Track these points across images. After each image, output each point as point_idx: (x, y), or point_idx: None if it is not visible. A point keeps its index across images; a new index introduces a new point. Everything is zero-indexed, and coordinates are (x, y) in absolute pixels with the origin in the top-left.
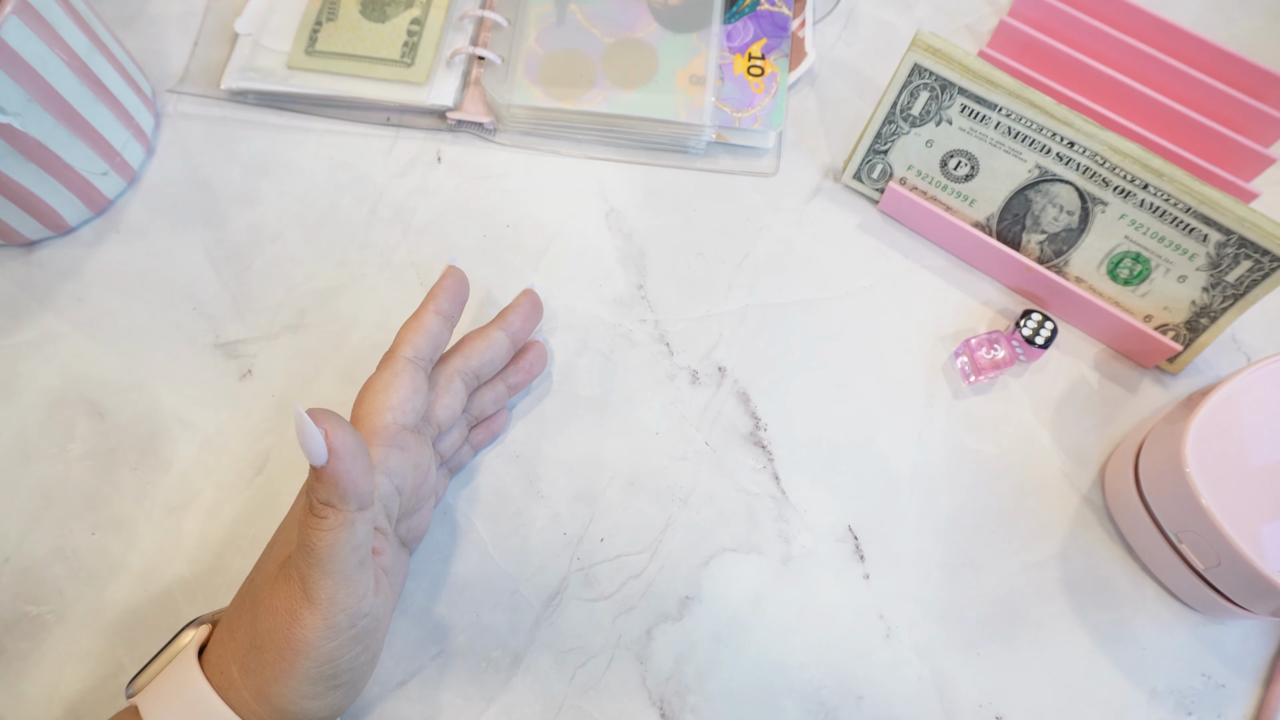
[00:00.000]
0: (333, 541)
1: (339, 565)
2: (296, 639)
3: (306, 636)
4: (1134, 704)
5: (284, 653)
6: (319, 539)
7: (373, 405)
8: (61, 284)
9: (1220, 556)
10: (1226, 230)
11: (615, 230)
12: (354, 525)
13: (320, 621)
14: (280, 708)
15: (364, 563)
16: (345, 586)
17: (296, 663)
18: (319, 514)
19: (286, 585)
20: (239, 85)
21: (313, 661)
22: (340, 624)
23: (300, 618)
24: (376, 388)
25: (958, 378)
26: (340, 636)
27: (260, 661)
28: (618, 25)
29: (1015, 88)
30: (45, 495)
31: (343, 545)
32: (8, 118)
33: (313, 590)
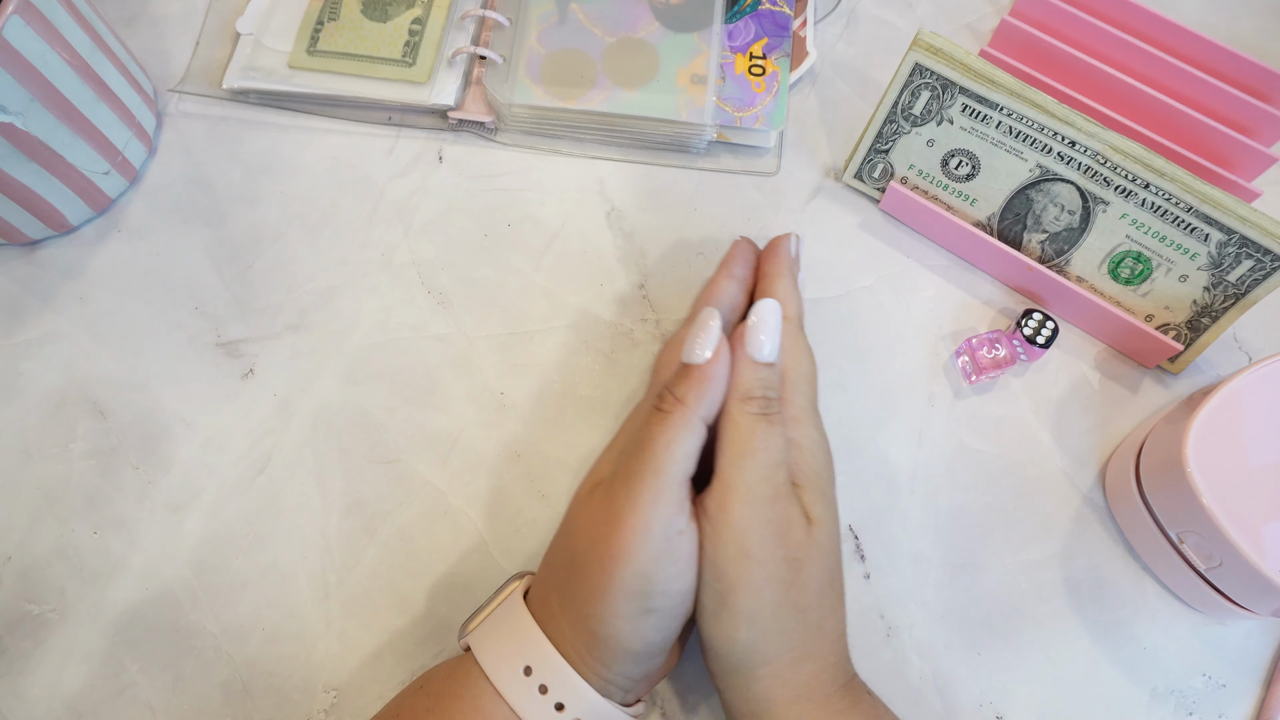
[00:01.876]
0: (672, 438)
1: (670, 466)
2: (615, 544)
3: (623, 540)
4: (1135, 704)
5: (603, 562)
6: (659, 430)
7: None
8: (63, 283)
9: (1221, 556)
10: (1228, 230)
11: (616, 229)
12: (695, 431)
13: (639, 523)
14: (594, 630)
15: (687, 478)
16: (669, 492)
17: (615, 572)
18: (666, 407)
19: (606, 496)
20: (241, 85)
21: (630, 571)
22: (656, 531)
23: (621, 519)
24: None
25: (959, 377)
26: (655, 545)
27: (578, 581)
28: (619, 24)
29: (1016, 87)
30: (47, 494)
31: (680, 446)
32: (9, 117)
33: (636, 490)
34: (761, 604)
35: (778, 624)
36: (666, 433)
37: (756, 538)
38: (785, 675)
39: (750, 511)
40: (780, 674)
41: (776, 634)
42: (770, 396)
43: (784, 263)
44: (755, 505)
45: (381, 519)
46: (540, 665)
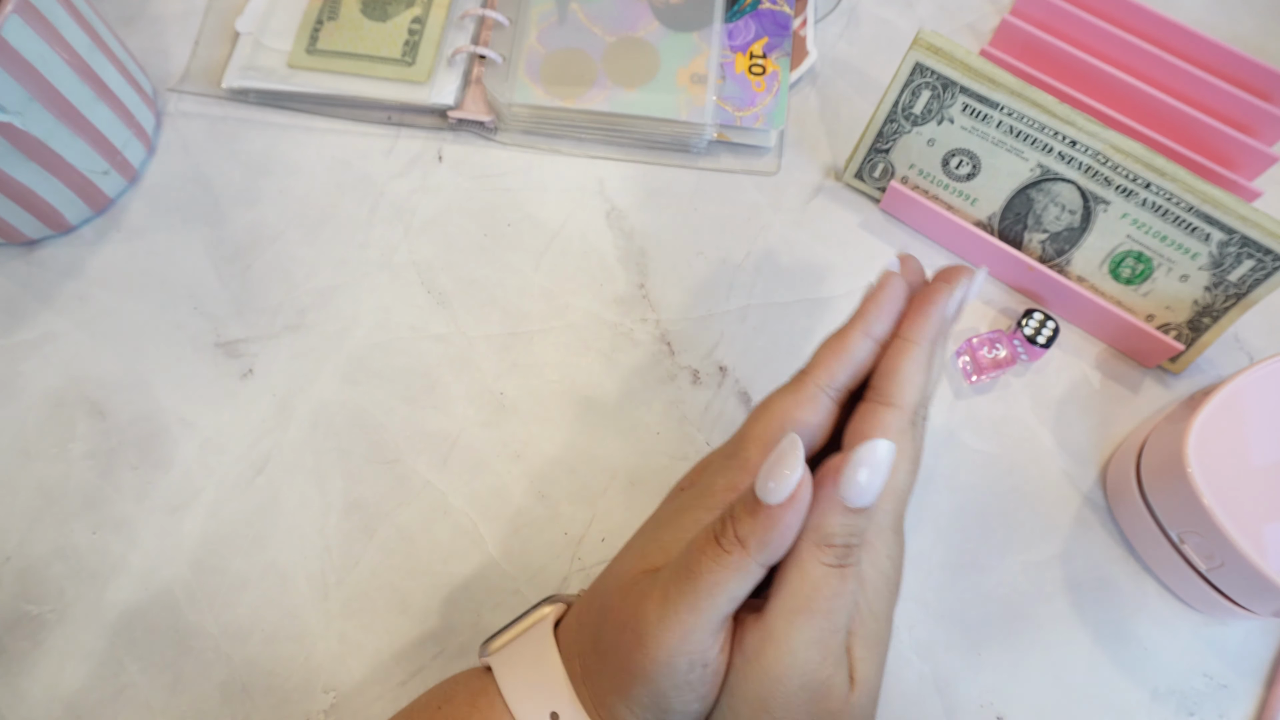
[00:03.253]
0: (721, 580)
1: (710, 608)
2: (635, 663)
3: (643, 666)
4: (1135, 704)
5: (622, 669)
6: (709, 568)
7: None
8: (62, 283)
9: (1222, 557)
10: (1229, 229)
11: (616, 229)
12: (750, 576)
13: (662, 655)
14: (612, 714)
15: (726, 617)
16: (702, 631)
17: (630, 685)
18: (727, 547)
19: (641, 604)
20: (240, 84)
21: (644, 690)
22: (680, 667)
23: (644, 644)
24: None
25: (959, 377)
26: (675, 677)
27: (599, 668)
28: (619, 24)
29: (1017, 86)
30: (46, 494)
31: (727, 591)
32: (9, 116)
33: (667, 619)
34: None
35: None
36: (716, 574)
37: (784, 701)
38: None
39: (788, 674)
40: None
41: None
42: (853, 544)
43: (930, 326)
44: (796, 670)
45: (381, 519)
46: (566, 714)
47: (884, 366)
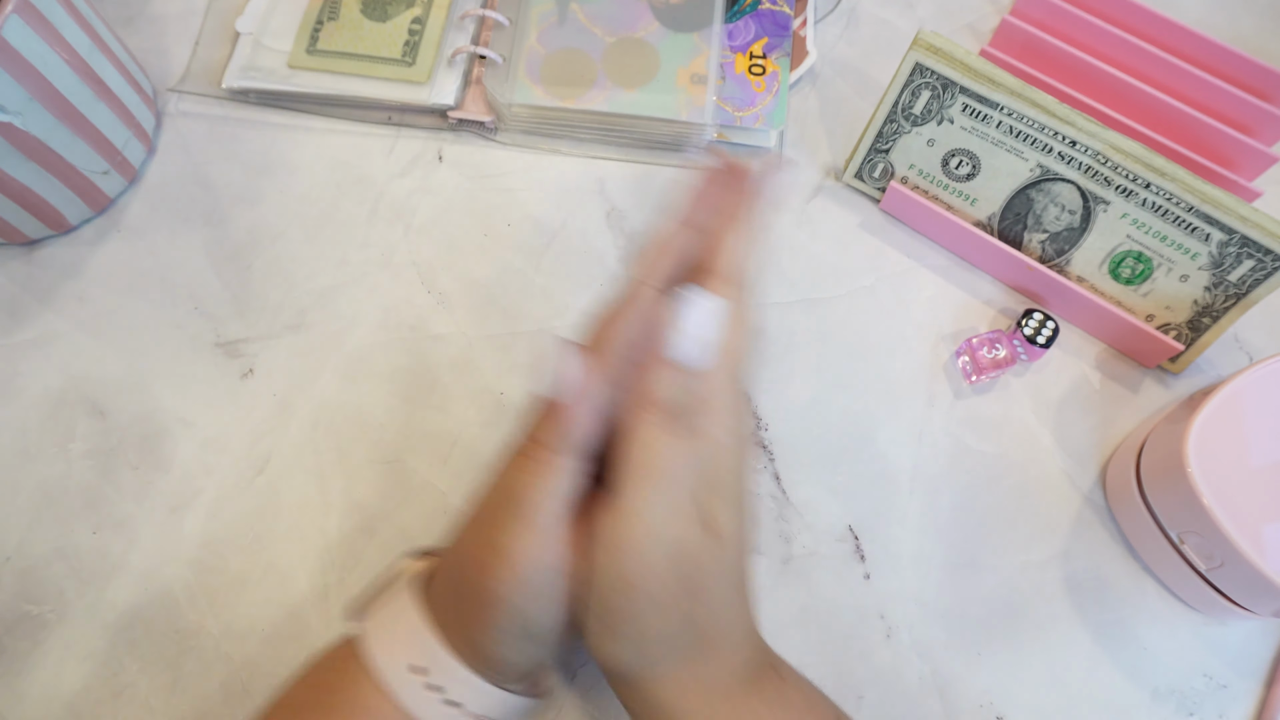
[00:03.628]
0: (538, 486)
1: (538, 515)
2: (486, 590)
3: (496, 589)
4: (1135, 704)
5: (478, 601)
6: (522, 480)
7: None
8: (62, 283)
9: (1222, 557)
10: (1229, 229)
11: (616, 229)
12: (563, 474)
13: (509, 574)
14: (482, 653)
15: (562, 516)
16: (541, 539)
17: (487, 614)
18: (529, 452)
19: (479, 533)
20: (240, 84)
21: (502, 614)
22: (531, 579)
23: (490, 569)
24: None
25: (959, 377)
26: (530, 591)
27: (459, 607)
28: (619, 24)
29: (1017, 87)
30: (46, 494)
31: (548, 495)
32: (9, 116)
33: (505, 539)
34: (648, 630)
35: (667, 644)
36: (529, 480)
37: (649, 572)
38: (683, 681)
39: (647, 544)
40: (677, 681)
41: (668, 651)
42: (685, 404)
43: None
44: (653, 537)
45: (381, 519)
46: (432, 665)
47: (705, 244)
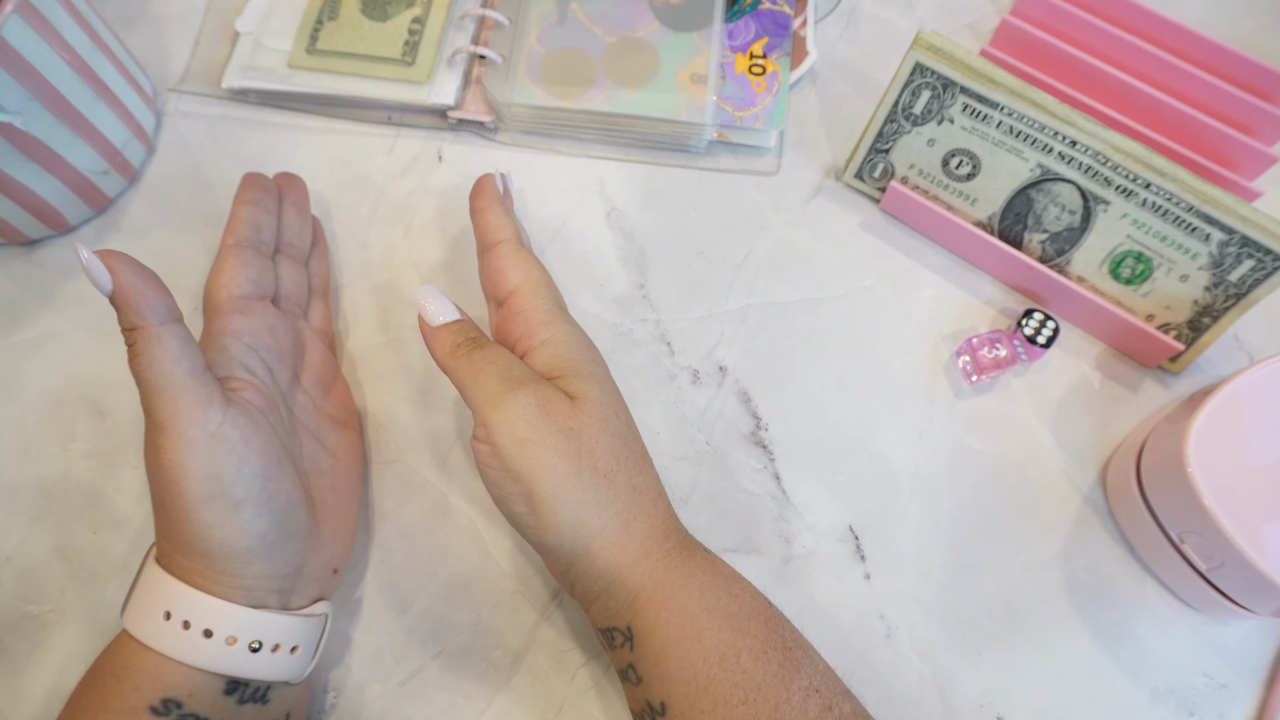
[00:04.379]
0: (150, 358)
1: (165, 379)
2: (165, 468)
3: (170, 459)
4: (1135, 704)
5: (169, 492)
6: (139, 363)
7: (207, 289)
8: (62, 283)
9: (1222, 557)
10: (1229, 229)
11: (616, 229)
12: (163, 338)
13: (174, 439)
14: (202, 550)
15: (195, 373)
16: (182, 396)
17: (179, 491)
18: (130, 342)
19: (146, 435)
20: (240, 84)
21: (191, 483)
22: (194, 435)
23: (158, 445)
24: (210, 275)
25: (959, 377)
26: (201, 449)
27: (164, 517)
28: (619, 24)
29: (1017, 87)
30: (46, 494)
31: (161, 359)
32: (9, 116)
33: (156, 414)
34: (561, 480)
35: (587, 492)
36: (142, 359)
37: (524, 426)
38: (620, 541)
39: (503, 413)
40: (615, 541)
41: (592, 503)
42: (470, 337)
43: (487, 196)
44: (505, 406)
45: (381, 519)
46: (176, 604)
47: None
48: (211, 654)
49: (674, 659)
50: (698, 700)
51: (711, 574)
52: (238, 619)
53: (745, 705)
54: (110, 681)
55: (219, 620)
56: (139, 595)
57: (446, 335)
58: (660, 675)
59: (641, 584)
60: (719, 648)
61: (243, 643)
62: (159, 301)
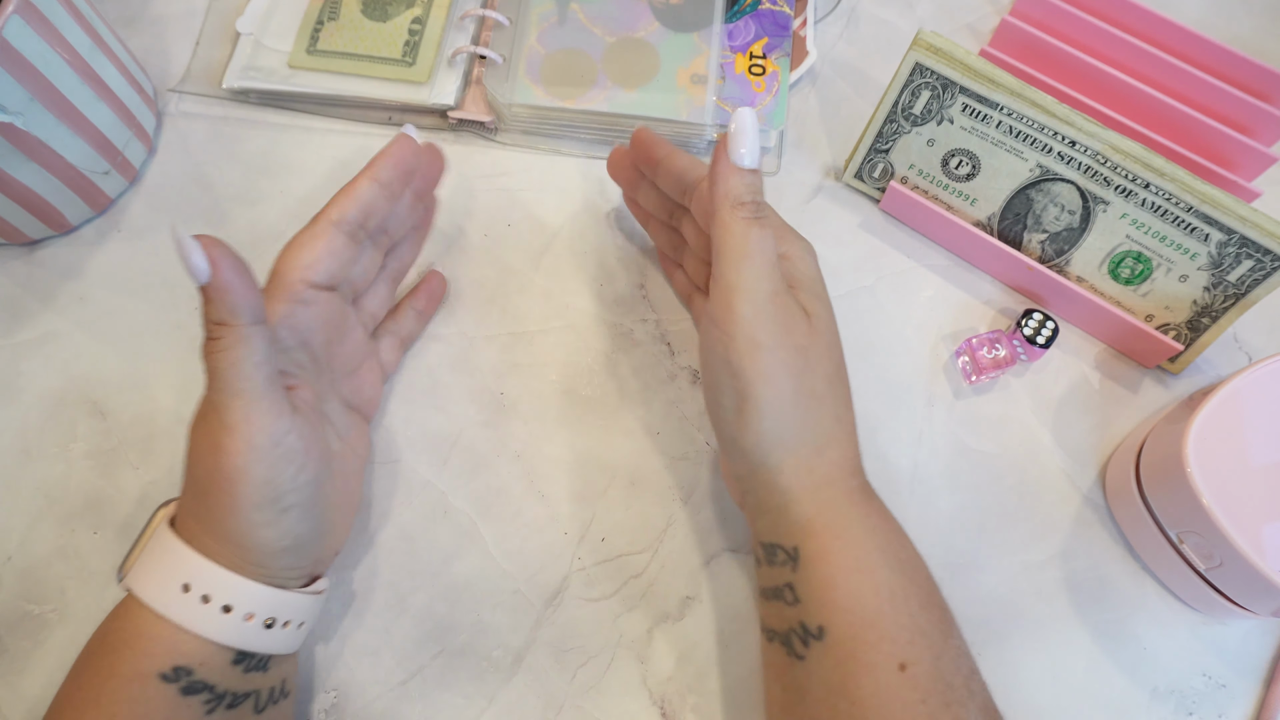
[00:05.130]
0: (234, 359)
1: (245, 383)
2: (226, 469)
3: (234, 463)
4: (1135, 704)
5: (221, 487)
6: (220, 360)
7: (284, 261)
8: (63, 283)
9: (1221, 556)
10: (1228, 230)
11: (616, 229)
12: (251, 340)
13: (242, 444)
14: (239, 543)
15: (272, 380)
16: (257, 404)
17: (235, 493)
18: (214, 335)
19: (204, 423)
20: (240, 84)
21: (249, 487)
22: (262, 444)
23: (223, 447)
24: (292, 245)
25: (959, 377)
26: (266, 456)
27: (206, 505)
28: (619, 24)
29: (1017, 87)
30: (47, 494)
31: (244, 361)
32: (9, 117)
33: (227, 415)
34: (780, 392)
35: (797, 411)
36: (226, 357)
37: (765, 330)
38: (809, 463)
39: (755, 308)
40: (804, 463)
41: (797, 421)
42: (759, 200)
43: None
44: (759, 302)
45: (381, 519)
46: (197, 578)
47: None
48: (228, 628)
49: (841, 588)
50: (862, 632)
51: (886, 520)
52: (256, 596)
53: (910, 646)
54: (120, 648)
55: (239, 596)
56: (151, 563)
57: (741, 183)
58: (823, 600)
59: (819, 510)
60: (890, 586)
61: (259, 619)
62: (254, 301)
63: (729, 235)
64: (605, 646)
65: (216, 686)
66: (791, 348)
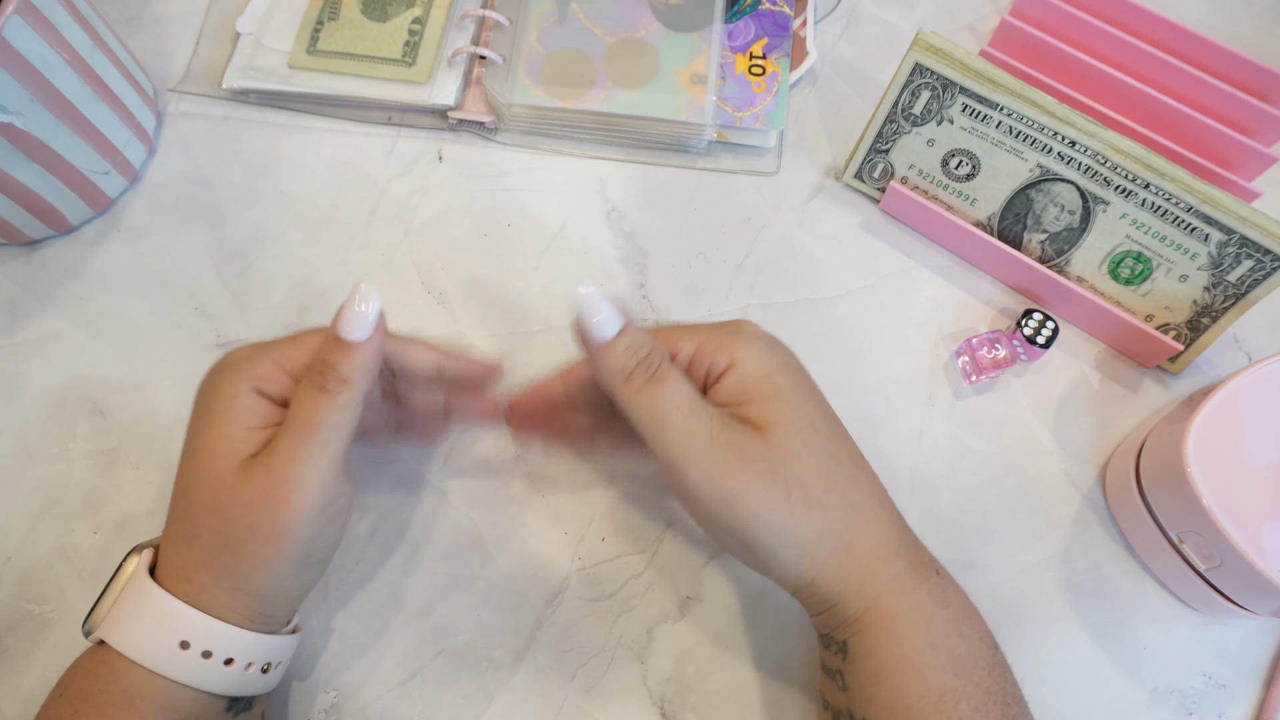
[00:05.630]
0: (339, 420)
1: (335, 445)
2: (283, 524)
3: (295, 519)
4: (1135, 703)
5: (269, 541)
6: (328, 415)
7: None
8: (63, 283)
9: (1221, 556)
10: (1228, 230)
11: (616, 229)
12: (358, 406)
13: (310, 501)
14: (258, 593)
15: (347, 446)
16: (331, 471)
17: (282, 548)
18: (334, 390)
19: (267, 476)
20: (240, 84)
21: (297, 544)
22: (323, 505)
23: (290, 502)
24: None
25: (959, 377)
26: (318, 516)
27: (237, 558)
28: (619, 24)
29: (1016, 87)
30: (47, 494)
31: (345, 425)
32: (10, 117)
33: (305, 471)
34: (774, 524)
35: (803, 529)
36: (334, 415)
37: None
38: (843, 567)
39: (701, 469)
40: (838, 569)
41: (811, 536)
42: (644, 357)
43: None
44: (700, 459)
45: (382, 519)
46: (196, 635)
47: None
48: (229, 679)
49: (888, 686)
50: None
51: (942, 606)
52: (258, 646)
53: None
54: (110, 710)
55: (240, 649)
56: (139, 619)
57: (615, 358)
58: (869, 697)
59: (866, 606)
60: (938, 689)
61: (257, 667)
62: (374, 370)
63: (635, 410)
64: (605, 646)
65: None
66: (760, 478)
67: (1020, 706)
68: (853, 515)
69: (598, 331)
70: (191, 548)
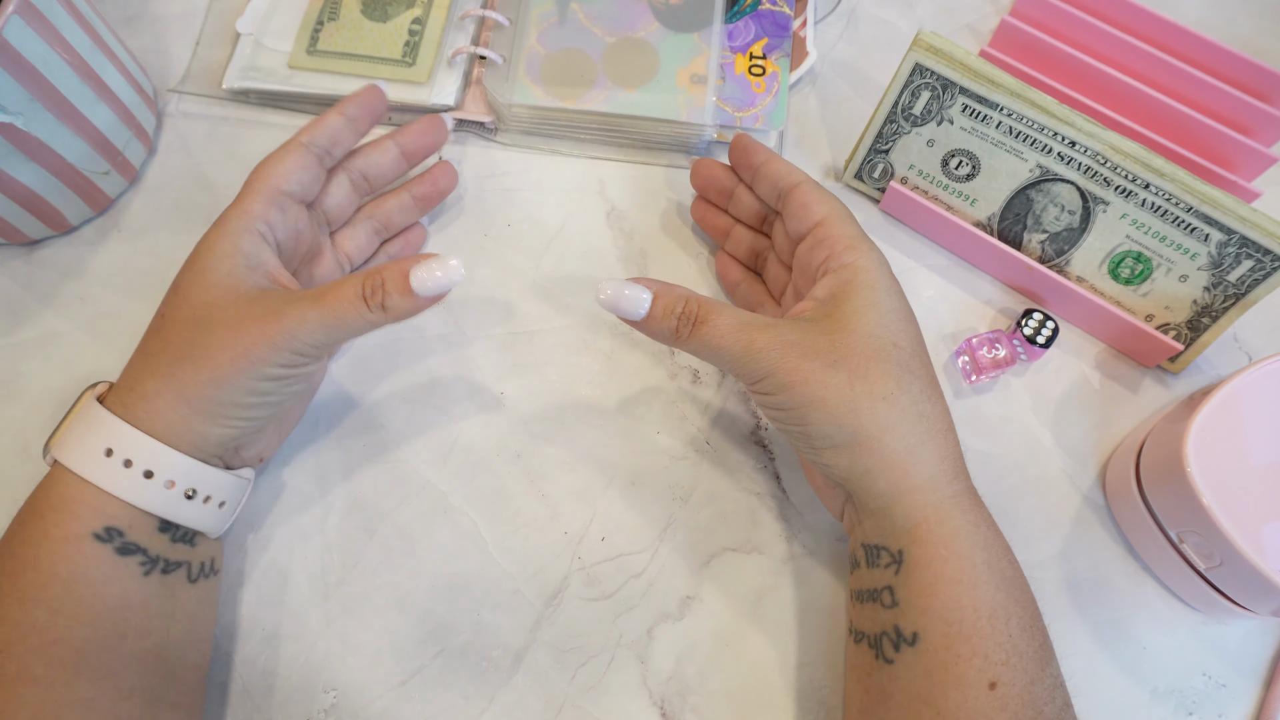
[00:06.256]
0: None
1: (337, 329)
2: (263, 335)
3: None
4: (1135, 704)
5: (236, 360)
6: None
7: (259, 171)
8: (63, 283)
9: (1221, 556)
10: (1228, 230)
11: (616, 230)
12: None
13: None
14: (203, 411)
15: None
16: (317, 336)
17: (243, 366)
18: (372, 308)
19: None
20: (240, 85)
21: (259, 368)
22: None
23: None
24: (266, 160)
25: (959, 377)
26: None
27: (195, 368)
28: (619, 24)
29: (1016, 87)
30: None
31: (351, 329)
32: (9, 117)
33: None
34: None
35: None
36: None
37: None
38: (904, 465)
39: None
40: (898, 465)
41: (871, 425)
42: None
43: (764, 149)
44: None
45: (381, 519)
46: (120, 443)
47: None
48: (149, 494)
49: (943, 597)
50: (957, 645)
51: (994, 531)
52: (177, 464)
53: (1004, 667)
54: (49, 514)
55: (160, 463)
56: (76, 431)
57: (659, 326)
58: (922, 608)
59: (924, 515)
60: (991, 603)
61: (180, 488)
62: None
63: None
64: (605, 646)
65: (149, 550)
66: (823, 366)
67: (1050, 642)
68: (921, 422)
69: (635, 314)
70: (151, 359)
